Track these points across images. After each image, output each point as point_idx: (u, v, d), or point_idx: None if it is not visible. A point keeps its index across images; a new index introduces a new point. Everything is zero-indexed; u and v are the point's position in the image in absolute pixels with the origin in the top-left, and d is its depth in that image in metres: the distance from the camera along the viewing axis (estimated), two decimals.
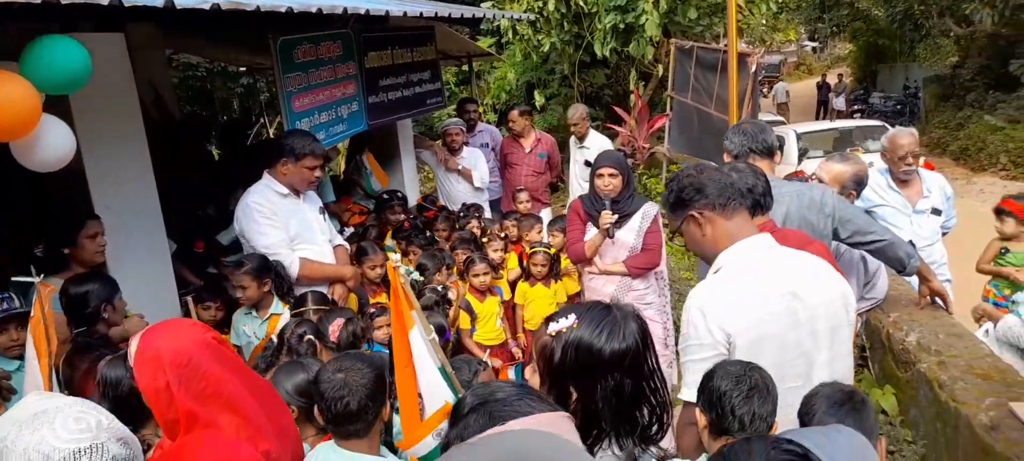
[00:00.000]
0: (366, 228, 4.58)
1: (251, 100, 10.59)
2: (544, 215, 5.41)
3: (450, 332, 3.29)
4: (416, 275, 3.57)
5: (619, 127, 8.72)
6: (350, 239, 4.14)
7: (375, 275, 3.60)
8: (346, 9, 3.71)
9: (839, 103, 20.03)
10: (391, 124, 5.31)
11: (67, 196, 3.05)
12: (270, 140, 7.10)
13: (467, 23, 6.84)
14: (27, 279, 2.13)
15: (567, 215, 3.97)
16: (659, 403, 1.35)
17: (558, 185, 7.14)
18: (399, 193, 4.94)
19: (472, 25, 8.19)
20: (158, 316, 2.60)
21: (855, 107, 19.08)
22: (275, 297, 3.09)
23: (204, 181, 4.96)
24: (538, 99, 10.22)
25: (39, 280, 2.11)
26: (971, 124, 13.22)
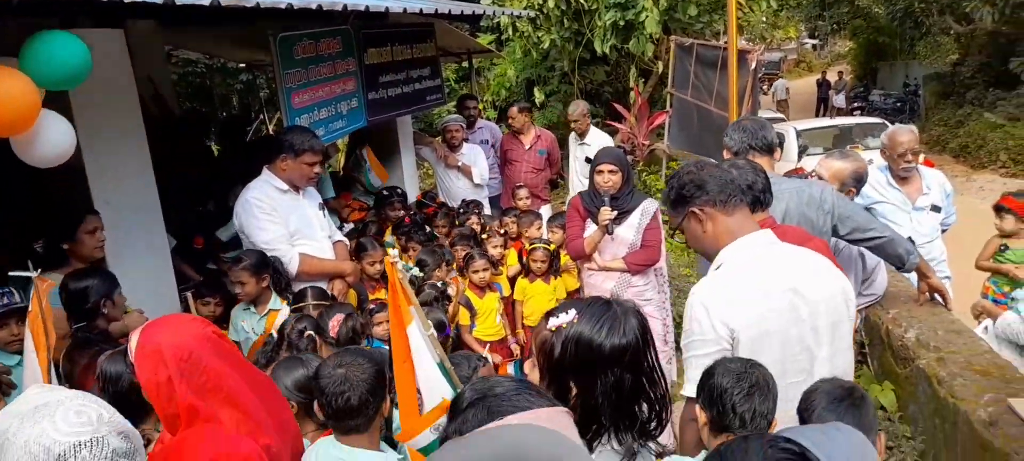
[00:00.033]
0: (366, 224, 4.58)
1: (250, 96, 10.59)
2: (544, 212, 5.41)
3: (450, 328, 3.29)
4: (416, 271, 3.57)
5: (619, 124, 8.70)
6: (350, 235, 4.14)
7: (374, 271, 3.60)
8: (346, 5, 3.71)
9: (839, 100, 20.01)
10: (391, 120, 5.31)
11: (67, 192, 3.05)
12: (269, 136, 7.09)
13: (467, 20, 6.83)
14: (24, 274, 2.13)
15: (567, 211, 3.97)
16: (658, 398, 1.35)
17: (558, 181, 7.14)
18: (399, 189, 4.95)
19: (472, 22, 8.17)
20: (158, 312, 2.60)
21: (855, 104, 19.06)
22: (273, 293, 3.09)
23: (203, 177, 4.96)
24: (538, 96, 10.20)
25: (36, 275, 2.11)
26: (971, 121, 13.22)
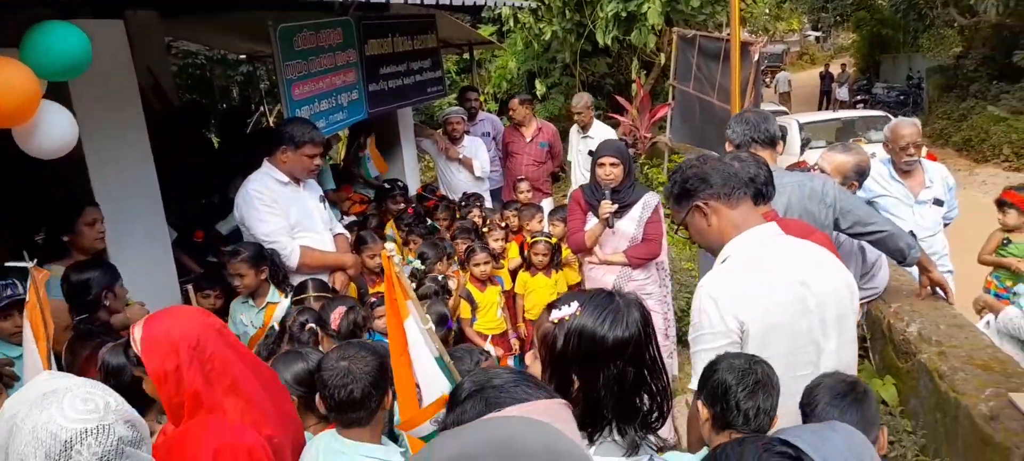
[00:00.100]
0: (366, 217, 4.57)
1: (251, 88, 10.57)
2: (545, 205, 5.40)
3: (452, 321, 3.29)
4: (417, 264, 3.57)
5: (621, 116, 8.67)
6: (350, 228, 4.14)
7: (375, 264, 3.60)
8: None
9: (842, 93, 19.97)
10: (391, 112, 5.29)
11: (67, 183, 3.04)
12: (270, 128, 7.07)
13: (468, 11, 6.81)
14: (19, 264, 2.13)
15: (568, 204, 3.96)
16: (660, 391, 1.34)
17: (559, 174, 7.11)
18: (400, 182, 4.93)
19: (473, 13, 8.12)
20: (158, 304, 2.61)
21: (858, 97, 19.00)
22: (272, 286, 3.08)
23: (204, 169, 4.95)
24: (539, 88, 10.16)
25: (32, 265, 2.11)
26: (974, 115, 13.18)
